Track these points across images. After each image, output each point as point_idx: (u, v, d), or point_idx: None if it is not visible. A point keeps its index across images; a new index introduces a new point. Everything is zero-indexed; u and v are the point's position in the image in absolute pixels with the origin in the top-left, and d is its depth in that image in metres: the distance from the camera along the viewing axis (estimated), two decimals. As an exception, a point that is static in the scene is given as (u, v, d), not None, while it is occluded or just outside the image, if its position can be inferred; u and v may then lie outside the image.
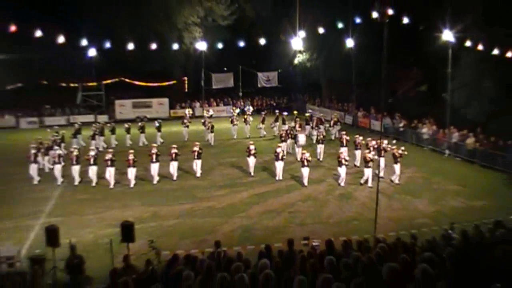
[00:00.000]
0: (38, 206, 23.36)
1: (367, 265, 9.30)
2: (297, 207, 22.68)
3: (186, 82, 64.10)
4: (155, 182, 26.92)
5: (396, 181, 26.18)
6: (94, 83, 55.16)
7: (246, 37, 55.18)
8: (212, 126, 37.90)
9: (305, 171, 25.96)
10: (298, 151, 31.03)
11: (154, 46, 54.00)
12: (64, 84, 57.64)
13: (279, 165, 27.37)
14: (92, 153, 27.06)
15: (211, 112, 49.87)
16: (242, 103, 56.77)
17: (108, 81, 56.69)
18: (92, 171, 26.71)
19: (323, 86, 56.92)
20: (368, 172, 25.57)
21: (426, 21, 39.39)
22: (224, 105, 56.13)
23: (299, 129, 34.43)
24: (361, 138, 29.91)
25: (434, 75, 41.93)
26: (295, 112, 43.02)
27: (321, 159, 31.17)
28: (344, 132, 31.91)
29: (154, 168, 27.10)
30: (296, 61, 54.60)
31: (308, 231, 18.61)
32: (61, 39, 52.39)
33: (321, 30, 49.20)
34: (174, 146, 28.28)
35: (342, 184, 25.90)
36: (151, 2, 53.19)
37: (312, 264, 9.77)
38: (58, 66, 54.53)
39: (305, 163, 25.85)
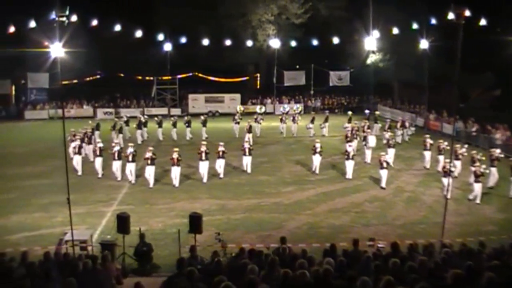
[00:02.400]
0: (111, 194, 24.19)
1: (432, 270, 9.29)
2: (364, 208, 22.56)
3: (258, 78, 64.47)
4: (205, 180, 26.40)
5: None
6: (169, 77, 56.22)
7: (319, 36, 55.00)
8: (250, 127, 36.78)
9: (384, 173, 25.46)
10: (368, 153, 30.79)
11: (228, 42, 54.69)
12: (140, 77, 59.04)
13: (350, 164, 27.23)
14: (131, 150, 25.86)
15: (287, 109, 49.95)
16: (312, 101, 56.77)
17: (182, 76, 57.68)
18: (129, 167, 26.05)
19: (395, 87, 56.15)
20: (478, 188, 23.06)
21: (503, 23, 38.35)
22: (295, 103, 56.08)
23: (369, 130, 33.86)
24: (446, 143, 28.31)
25: (509, 80, 40.75)
26: (350, 112, 42.62)
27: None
28: (428, 136, 30.50)
29: (203, 166, 26.49)
30: (368, 61, 54.00)
31: (374, 232, 18.54)
32: (138, 33, 53.86)
33: (395, 31, 48.60)
34: (221, 144, 27.78)
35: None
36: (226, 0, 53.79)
37: (376, 265, 9.81)
38: (135, 60, 55.89)
39: (384, 165, 25.41)
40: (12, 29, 52.27)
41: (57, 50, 28.78)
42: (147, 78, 58.16)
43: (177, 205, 22.55)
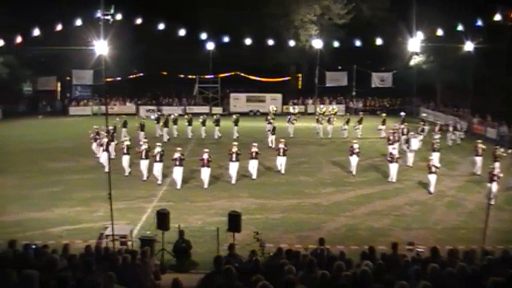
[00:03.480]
0: (151, 190, 24.47)
1: (472, 276, 9.14)
2: (404, 211, 22.32)
3: (300, 79, 64.41)
4: (233, 182, 26.04)
5: None
6: (211, 76, 56.60)
7: (362, 37, 54.63)
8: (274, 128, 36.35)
9: (432, 178, 24.81)
10: (410, 155, 30.38)
11: (270, 42, 54.78)
12: (182, 76, 59.62)
13: (394, 167, 26.87)
14: (159, 149, 25.55)
15: (323, 109, 49.70)
16: (354, 102, 56.48)
17: (224, 75, 58.03)
18: (157, 167, 25.81)
19: (437, 89, 55.37)
20: None
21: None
22: (336, 104, 55.80)
23: (412, 133, 33.29)
24: (502, 150, 27.64)
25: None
26: (384, 114, 42.17)
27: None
28: (479, 141, 29.42)
29: (233, 167, 26.04)
30: (411, 62, 53.36)
31: (413, 236, 18.29)
32: (182, 32, 54.41)
33: (439, 32, 47.96)
34: (255, 144, 27.45)
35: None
36: (269, 0, 53.87)
37: (415, 270, 9.70)
38: (178, 59, 56.45)
39: (433, 169, 24.77)
40: (59, 27, 53.37)
41: (101, 47, 29.27)
42: (190, 76, 58.70)
43: (216, 203, 22.67)
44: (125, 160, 27.34)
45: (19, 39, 52.74)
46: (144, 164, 26.36)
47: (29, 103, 59.51)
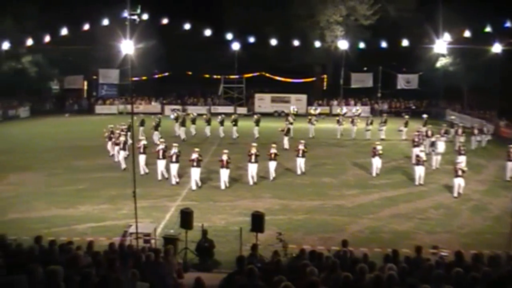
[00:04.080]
0: (175, 189, 24.57)
1: (497, 282, 9.03)
2: (428, 214, 22.10)
3: (325, 80, 64.30)
4: (251, 183, 25.77)
5: None
6: (236, 76, 56.75)
7: (388, 38, 54.31)
8: (288, 130, 36.50)
9: (458, 182, 24.36)
10: (436, 159, 30.03)
11: (296, 43, 54.76)
12: (207, 76, 59.89)
13: (420, 170, 26.41)
14: (175, 150, 25.31)
15: (344, 110, 49.45)
16: (379, 104, 56.22)
17: (249, 75, 58.15)
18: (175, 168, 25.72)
19: (464, 91, 54.81)
20: None
21: None
22: (361, 105, 55.55)
23: (438, 135, 32.89)
24: None
25: None
26: (407, 116, 41.71)
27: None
28: None
29: (252, 169, 25.76)
30: (438, 64, 52.88)
31: (437, 240, 18.08)
32: (207, 32, 54.65)
33: (466, 34, 47.49)
34: (274, 145, 27.33)
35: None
36: (295, 0, 53.85)
37: (438, 274, 9.62)
38: (203, 59, 56.76)
39: (459, 173, 24.34)
40: (86, 26, 53.98)
41: (127, 47, 29.49)
42: (215, 76, 58.96)
43: (240, 203, 22.70)
44: (141, 159, 27.22)
45: (47, 38, 53.47)
46: (161, 164, 26.18)
47: (56, 101, 60.40)
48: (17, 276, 6.64)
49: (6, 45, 51.43)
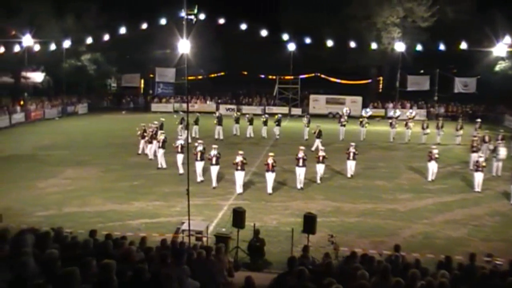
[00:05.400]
0: (228, 188, 24.64)
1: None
2: (483, 221, 21.56)
3: (381, 82, 63.70)
4: (299, 187, 25.08)
5: None
6: (291, 77, 56.81)
7: (445, 40, 53.29)
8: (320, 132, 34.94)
9: None
10: (497, 165, 29.13)
11: (352, 44, 54.41)
12: (262, 76, 60.16)
13: (479, 176, 25.71)
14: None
15: (397, 113, 48.74)
16: (435, 107, 55.28)
17: (304, 76, 58.08)
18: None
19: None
20: None
21: None
22: (418, 108, 54.71)
23: (500, 141, 31.89)
24: None
25: None
26: (461, 120, 40.75)
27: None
28: None
29: (300, 172, 24.95)
30: (497, 68, 51.61)
31: (492, 248, 17.63)
32: (263, 33, 54.91)
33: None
34: (322, 148, 26.99)
35: None
36: (351, 2, 53.52)
37: (492, 283, 9.42)
38: (259, 59, 57.05)
39: None
40: (144, 25, 55.02)
41: (184, 46, 29.86)
42: (270, 77, 59.12)
43: (292, 204, 22.64)
44: (179, 158, 27.08)
45: (106, 37, 54.73)
46: (199, 166, 25.50)
47: (113, 98, 61.77)
48: (72, 268, 6.80)
49: (67, 43, 52.87)
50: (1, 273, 6.84)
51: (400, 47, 53.83)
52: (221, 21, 56.12)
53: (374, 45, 55.51)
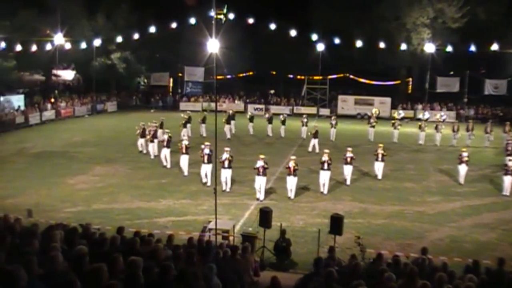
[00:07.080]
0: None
1: None
2: (513, 226, 21.36)
3: (410, 83, 63.23)
4: (322, 190, 24.31)
5: None
6: (320, 77, 56.68)
7: (476, 41, 52.60)
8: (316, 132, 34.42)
9: None
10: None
11: (381, 45, 54.06)
12: (291, 76, 60.16)
13: (509, 180, 25.27)
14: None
15: (426, 116, 48.14)
16: (465, 109, 54.66)
17: (333, 76, 57.91)
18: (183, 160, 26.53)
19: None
20: None
21: None
22: (447, 110, 54.14)
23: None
24: None
25: None
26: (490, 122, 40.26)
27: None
28: None
29: (323, 176, 24.26)
30: (529, 69, 50.94)
31: (522, 253, 17.48)
32: (292, 33, 54.89)
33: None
34: (349, 149, 26.22)
35: None
36: (381, 2, 53.17)
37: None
38: (287, 59, 57.05)
39: None
40: (174, 25, 55.42)
41: (213, 46, 29.98)
42: (298, 77, 59.08)
43: (319, 205, 22.60)
44: (184, 160, 26.91)
45: (136, 36, 55.24)
46: (207, 169, 24.51)
47: (142, 97, 62.30)
48: (99, 265, 6.89)
49: (97, 42, 53.48)
50: (31, 268, 6.94)
51: (430, 48, 53.32)
52: (251, 20, 56.18)
53: (403, 46, 55.02)
